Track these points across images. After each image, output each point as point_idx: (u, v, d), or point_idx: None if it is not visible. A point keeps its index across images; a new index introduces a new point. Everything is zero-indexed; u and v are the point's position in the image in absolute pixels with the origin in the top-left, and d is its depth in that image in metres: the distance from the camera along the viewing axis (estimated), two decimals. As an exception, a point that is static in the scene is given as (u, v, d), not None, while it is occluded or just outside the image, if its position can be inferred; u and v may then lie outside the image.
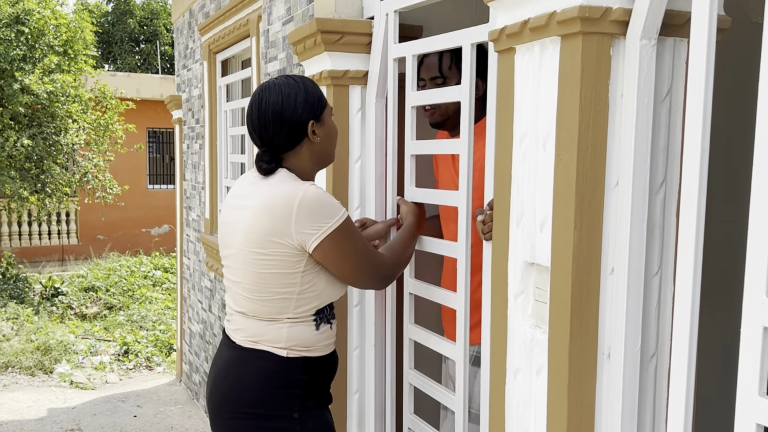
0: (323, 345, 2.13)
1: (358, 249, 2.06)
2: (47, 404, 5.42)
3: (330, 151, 2.20)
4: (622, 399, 1.55)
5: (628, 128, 1.51)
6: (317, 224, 1.96)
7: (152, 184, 15.52)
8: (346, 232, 2.01)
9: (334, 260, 2.02)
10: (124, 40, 26.10)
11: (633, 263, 1.53)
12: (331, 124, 2.16)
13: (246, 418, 2.05)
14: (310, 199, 1.96)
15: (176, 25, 5.97)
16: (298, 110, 2.04)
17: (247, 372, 2.07)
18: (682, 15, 1.52)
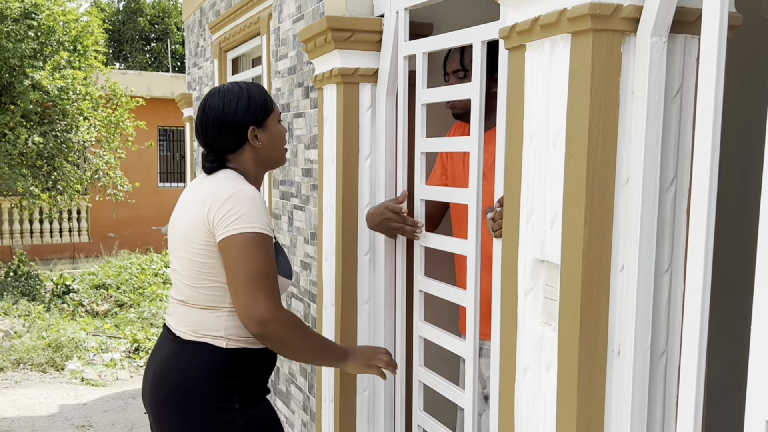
0: None
1: (250, 267, 1.97)
2: (58, 401, 5.45)
3: (275, 155, 2.25)
4: (632, 396, 1.55)
5: (638, 125, 1.51)
6: (234, 219, 1.99)
7: (163, 182, 15.57)
8: (252, 243, 1.98)
9: (228, 260, 2.00)
10: (135, 38, 26.19)
11: (643, 260, 1.53)
12: (277, 130, 2.21)
13: (195, 411, 2.07)
14: (241, 196, 2.01)
15: (187, 24, 5.99)
16: (238, 115, 2.12)
17: (190, 366, 2.09)
18: (692, 12, 1.52)
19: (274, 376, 3.87)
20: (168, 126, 15.35)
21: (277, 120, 2.23)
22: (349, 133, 2.74)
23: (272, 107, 2.20)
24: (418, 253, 2.49)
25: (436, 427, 2.44)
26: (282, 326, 1.98)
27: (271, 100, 2.22)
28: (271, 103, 2.21)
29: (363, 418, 2.84)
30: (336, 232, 2.82)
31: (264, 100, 2.18)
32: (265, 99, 2.19)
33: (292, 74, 3.47)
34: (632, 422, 1.56)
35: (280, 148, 2.25)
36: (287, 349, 2.07)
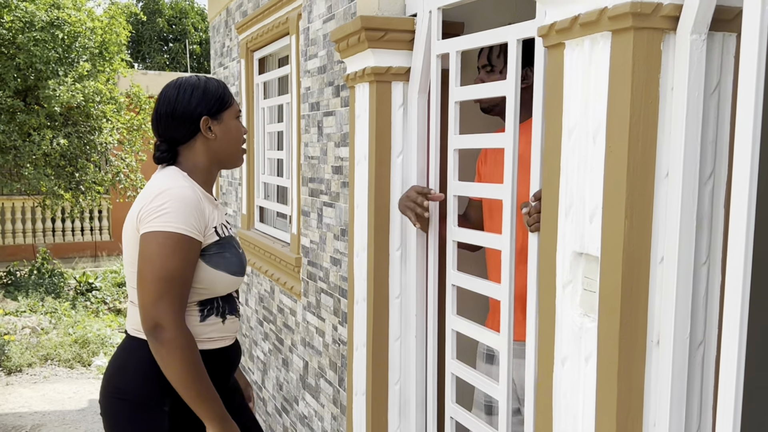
0: (209, 338, 2.14)
1: (159, 266, 1.94)
2: (87, 395, 5.53)
3: (230, 151, 2.24)
4: (671, 385, 1.59)
5: (678, 121, 1.55)
6: (155, 214, 1.98)
7: (182, 181, 15.67)
8: (165, 243, 1.95)
9: (144, 255, 1.97)
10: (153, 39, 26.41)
11: (683, 253, 1.56)
12: (233, 125, 2.21)
13: (124, 402, 2.09)
14: (169, 193, 2.01)
15: (212, 24, 6.05)
16: (191, 105, 2.12)
17: (128, 359, 2.12)
18: (731, 10, 1.56)
19: (303, 371, 3.92)
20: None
21: (235, 116, 2.23)
22: (381, 131, 2.79)
23: (229, 102, 2.21)
24: (451, 247, 2.53)
25: (469, 418, 2.48)
26: (173, 340, 1.93)
27: (230, 96, 2.24)
28: (230, 98, 2.22)
29: (394, 411, 2.88)
30: (368, 228, 2.87)
31: (221, 94, 2.19)
32: (222, 93, 2.20)
33: (322, 73, 3.52)
34: (671, 411, 1.60)
35: (235, 143, 2.24)
36: (167, 364, 1.96)
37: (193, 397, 1.99)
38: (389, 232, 2.83)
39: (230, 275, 2.14)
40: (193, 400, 1.99)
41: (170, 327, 1.94)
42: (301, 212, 3.87)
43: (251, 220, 5.03)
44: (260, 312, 4.81)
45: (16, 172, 9.19)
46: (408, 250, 2.81)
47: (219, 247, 2.12)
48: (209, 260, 2.09)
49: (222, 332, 2.18)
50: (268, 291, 4.61)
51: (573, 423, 1.75)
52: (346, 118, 3.24)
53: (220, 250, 2.12)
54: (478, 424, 2.43)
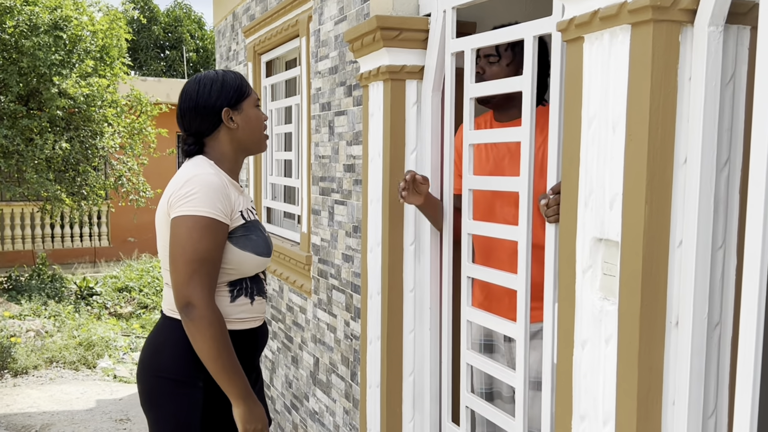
0: (238, 318, 2.23)
1: (190, 248, 2.05)
2: (95, 396, 5.57)
3: (253, 138, 2.33)
4: (691, 364, 1.65)
5: (696, 110, 1.61)
6: (184, 200, 2.09)
7: (181, 187, 15.72)
8: (194, 227, 2.06)
9: (174, 239, 2.08)
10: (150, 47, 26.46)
11: (701, 236, 1.63)
12: (253, 114, 2.31)
13: (161, 379, 2.20)
14: (196, 180, 2.12)
15: (218, 29, 6.12)
16: (212, 98, 2.23)
17: (166, 340, 2.22)
18: (746, 4, 1.62)
19: (314, 367, 3.98)
20: (186, 132, 15.51)
21: (254, 105, 2.32)
22: (395, 128, 2.85)
23: (247, 92, 2.31)
24: (466, 240, 2.59)
25: (485, 406, 2.54)
26: (204, 317, 2.03)
27: (248, 86, 2.33)
28: (247, 88, 2.32)
29: (408, 402, 2.94)
30: (382, 223, 2.93)
31: (239, 85, 2.28)
32: (239, 83, 2.29)
33: (334, 74, 3.58)
34: (690, 389, 1.66)
35: (256, 130, 2.34)
36: (197, 340, 2.05)
37: (220, 371, 2.07)
38: (403, 227, 2.90)
39: (257, 256, 2.23)
40: (220, 375, 2.08)
41: (201, 305, 2.04)
42: (312, 211, 3.93)
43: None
44: (268, 311, 4.86)
45: (18, 177, 9.23)
46: (422, 245, 2.87)
47: (245, 230, 2.21)
48: (237, 242, 2.18)
49: (251, 313, 2.27)
50: (276, 290, 4.67)
51: (593, 403, 1.81)
52: (359, 117, 3.31)
53: (246, 233, 2.21)
54: (494, 412, 2.49)
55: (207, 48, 27.22)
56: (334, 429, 3.69)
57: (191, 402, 2.16)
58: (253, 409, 2.14)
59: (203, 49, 27.27)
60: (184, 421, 2.17)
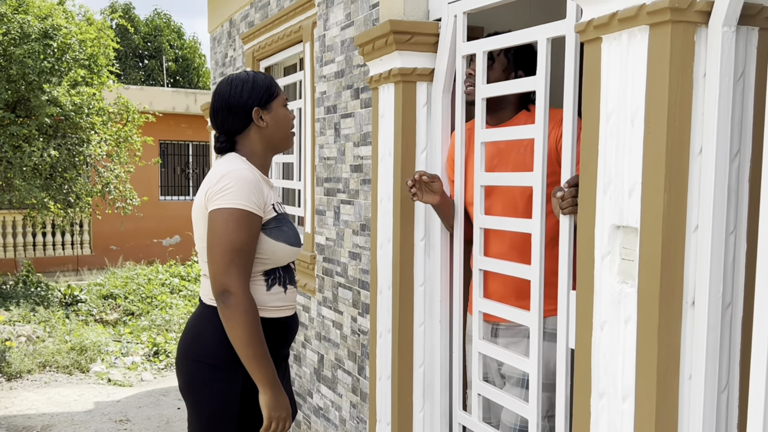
0: (274, 306, 2.34)
1: (227, 240, 2.16)
2: (92, 398, 5.61)
3: (281, 136, 2.45)
4: (707, 341, 1.77)
5: (711, 104, 1.74)
6: (220, 194, 2.20)
7: (164, 195, 15.73)
8: (230, 218, 2.17)
9: (211, 230, 2.20)
10: (129, 55, 26.41)
11: (716, 222, 1.75)
12: (282, 113, 2.42)
13: (201, 364, 2.30)
14: (232, 175, 2.23)
15: (213, 36, 6.20)
16: (243, 97, 2.35)
17: (206, 327, 2.31)
18: (755, 6, 1.75)
19: (318, 364, 4.06)
20: (169, 140, 15.53)
21: (282, 104, 2.44)
22: (407, 129, 2.96)
23: (276, 92, 2.42)
24: (478, 234, 2.70)
25: (497, 393, 2.64)
26: (239, 304, 2.14)
27: (277, 86, 2.44)
28: (276, 88, 2.43)
29: (419, 392, 3.04)
30: (393, 221, 3.03)
31: (268, 85, 2.40)
32: (269, 84, 2.41)
33: (340, 78, 3.69)
34: (707, 365, 1.78)
35: (285, 129, 2.45)
36: (231, 326, 2.16)
37: (251, 358, 2.17)
38: (414, 224, 3.00)
39: (289, 246, 2.35)
40: (250, 362, 2.18)
41: (236, 292, 2.15)
42: (316, 211, 4.03)
43: (257, 224, 5.16)
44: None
45: (4, 185, 9.22)
46: (432, 240, 2.98)
47: (277, 222, 2.33)
48: (270, 233, 2.30)
49: (285, 301, 2.38)
50: (277, 291, 4.74)
51: (613, 381, 1.92)
52: (366, 119, 3.41)
53: (278, 225, 2.33)
54: (508, 398, 2.60)
55: (186, 57, 27.21)
56: (341, 423, 3.77)
57: (230, 387, 2.25)
58: (279, 397, 2.23)
59: (182, 59, 27.25)
60: (222, 405, 2.26)
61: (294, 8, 4.22)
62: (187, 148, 16.10)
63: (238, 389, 2.25)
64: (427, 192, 2.71)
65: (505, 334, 2.68)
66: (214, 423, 2.28)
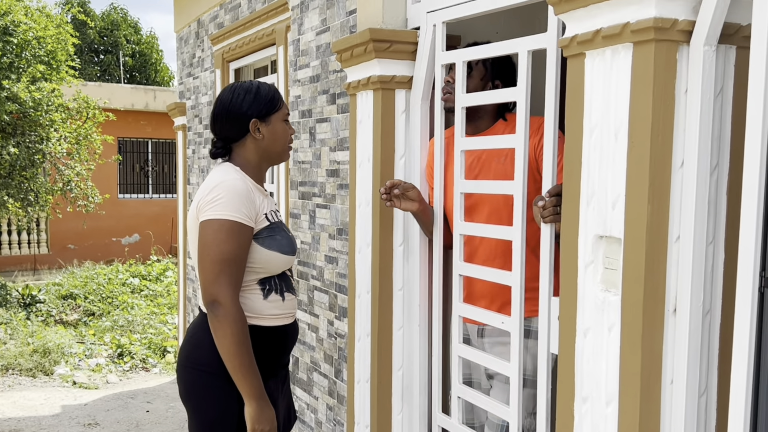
0: (272, 315, 2.37)
1: (216, 250, 2.19)
2: (59, 402, 5.55)
3: (276, 150, 2.47)
4: (688, 347, 1.84)
5: (692, 119, 1.81)
6: (210, 204, 2.24)
7: (123, 193, 15.55)
8: (219, 229, 2.20)
9: (202, 240, 2.23)
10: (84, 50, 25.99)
11: (697, 232, 1.82)
12: (280, 128, 2.45)
13: (200, 372, 2.33)
14: (222, 186, 2.26)
15: (180, 35, 6.17)
16: (243, 107, 2.37)
17: (204, 335, 2.32)
18: (732, 26, 1.83)
19: (293, 367, 4.08)
20: (128, 137, 15.35)
21: (282, 119, 2.46)
22: (386, 135, 3.00)
23: (278, 106, 2.44)
24: (458, 240, 2.75)
25: (476, 396, 2.70)
26: (227, 315, 2.17)
27: (279, 99, 2.46)
28: (278, 102, 2.45)
29: (398, 396, 3.09)
30: (372, 225, 3.07)
31: (270, 98, 2.42)
32: (271, 97, 2.43)
33: (315, 82, 3.71)
34: (688, 370, 1.85)
35: (281, 144, 2.47)
36: (218, 336, 2.19)
37: (237, 368, 2.20)
38: (393, 229, 3.04)
39: (282, 254, 2.37)
40: (236, 372, 2.20)
41: (225, 303, 2.18)
42: (290, 215, 4.04)
43: (227, 226, 5.15)
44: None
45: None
46: (410, 246, 3.03)
47: (270, 231, 2.36)
48: (263, 242, 2.33)
49: (282, 309, 2.41)
50: (248, 293, 4.75)
51: (596, 386, 1.99)
52: (343, 124, 3.44)
53: (271, 234, 2.36)
54: (485, 399, 2.66)
55: (144, 53, 26.88)
56: (317, 425, 3.80)
57: (227, 394, 2.27)
58: (264, 410, 2.25)
59: (139, 54, 26.91)
60: (221, 412, 2.29)
61: (267, 11, 4.22)
62: (146, 145, 15.94)
63: (235, 397, 2.27)
64: (405, 200, 2.75)
65: (492, 333, 2.73)
66: (213, 430, 2.31)
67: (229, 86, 2.43)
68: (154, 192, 16.15)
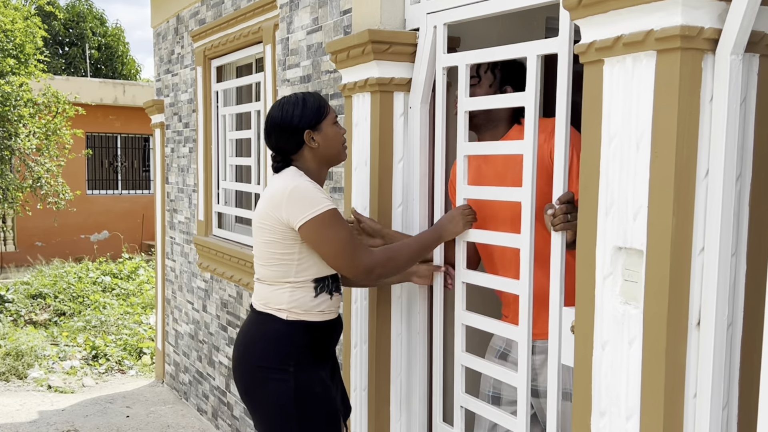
0: (320, 311, 2.54)
1: (335, 238, 2.42)
2: (35, 407, 5.41)
3: (333, 152, 2.60)
4: (713, 361, 1.81)
5: (719, 128, 1.77)
6: (301, 210, 2.40)
7: (91, 189, 15.28)
8: (325, 222, 2.41)
9: (315, 242, 2.44)
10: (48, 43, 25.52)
11: (723, 243, 1.79)
12: (332, 131, 2.57)
13: (256, 369, 2.52)
14: (297, 189, 2.43)
15: (157, 31, 6.03)
16: (294, 122, 2.52)
17: (257, 332, 2.55)
18: (757, 34, 1.79)
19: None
20: (96, 132, 15.08)
21: (332, 122, 2.57)
22: (384, 138, 2.94)
23: (325, 112, 2.56)
24: (461, 247, 2.70)
25: (480, 405, 2.65)
26: (383, 266, 2.47)
27: (326, 106, 2.55)
28: (325, 108, 2.55)
29: (396, 402, 3.03)
30: (370, 231, 3.00)
31: (317, 107, 2.54)
32: (318, 105, 2.54)
33: (306, 83, 3.63)
34: (713, 384, 1.82)
35: (336, 146, 2.60)
36: (398, 270, 2.57)
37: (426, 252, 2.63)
38: (391, 234, 2.98)
39: None
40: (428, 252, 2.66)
41: (374, 265, 2.46)
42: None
43: (209, 227, 5.06)
44: (223, 317, 4.85)
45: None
46: (409, 251, 2.96)
47: None
48: None
49: (331, 307, 2.58)
50: (233, 296, 4.66)
51: (615, 400, 1.95)
52: (336, 126, 3.36)
53: None
54: (491, 410, 2.61)
55: (110, 45, 26.46)
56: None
57: (284, 386, 2.46)
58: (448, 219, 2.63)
59: (106, 47, 26.48)
60: (280, 403, 2.47)
61: (253, 9, 4.13)
62: (115, 140, 15.68)
63: (292, 387, 2.46)
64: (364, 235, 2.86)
65: (543, 350, 2.53)
66: (276, 420, 2.49)
67: (277, 103, 2.57)
68: (124, 188, 15.91)
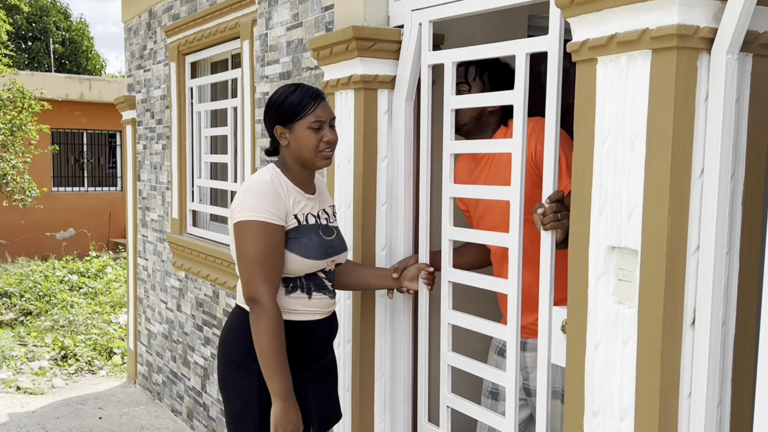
0: (293, 310, 2.45)
1: (247, 253, 2.32)
2: (5, 409, 5.29)
3: (305, 157, 2.45)
4: (708, 360, 1.81)
5: (714, 128, 1.77)
6: (238, 209, 2.36)
7: (57, 186, 15.02)
8: (246, 230, 2.32)
9: (235, 242, 2.38)
10: (11, 36, 25.05)
11: (718, 242, 1.79)
12: (303, 135, 2.42)
13: (227, 362, 2.52)
14: (250, 188, 2.37)
15: (128, 26, 5.93)
16: (271, 113, 2.47)
17: (231, 324, 2.54)
18: (750, 33, 1.79)
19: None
20: (62, 128, 14.83)
21: (307, 126, 2.42)
22: (368, 136, 2.91)
23: (302, 113, 2.41)
24: (447, 246, 2.68)
25: (467, 405, 2.64)
26: (263, 312, 2.29)
27: (306, 107, 2.41)
28: (304, 109, 2.41)
29: (380, 402, 3.00)
30: (353, 229, 2.98)
31: (296, 105, 2.41)
32: (298, 104, 2.41)
33: (286, 79, 3.59)
34: (708, 383, 1.82)
35: (305, 150, 2.43)
36: (254, 332, 2.31)
37: (266, 365, 2.30)
38: (375, 233, 2.96)
39: (303, 258, 2.41)
40: (266, 369, 2.31)
41: (262, 300, 2.30)
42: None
43: (183, 225, 4.99)
44: (198, 317, 4.79)
45: None
46: (393, 250, 2.94)
47: (296, 233, 2.42)
48: (286, 244, 2.40)
49: (308, 307, 2.48)
50: (209, 295, 4.60)
51: (609, 400, 1.94)
52: (318, 123, 3.32)
53: (297, 236, 2.41)
54: (477, 409, 2.61)
55: (74, 40, 26.03)
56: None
57: (248, 382, 2.40)
58: (289, 412, 2.32)
59: (70, 41, 26.06)
60: (246, 400, 2.42)
61: (230, 4, 4.07)
62: (81, 136, 15.43)
63: (256, 386, 2.38)
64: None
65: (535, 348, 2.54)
66: (238, 414, 2.46)
67: (280, 87, 2.52)
68: (90, 185, 15.65)
